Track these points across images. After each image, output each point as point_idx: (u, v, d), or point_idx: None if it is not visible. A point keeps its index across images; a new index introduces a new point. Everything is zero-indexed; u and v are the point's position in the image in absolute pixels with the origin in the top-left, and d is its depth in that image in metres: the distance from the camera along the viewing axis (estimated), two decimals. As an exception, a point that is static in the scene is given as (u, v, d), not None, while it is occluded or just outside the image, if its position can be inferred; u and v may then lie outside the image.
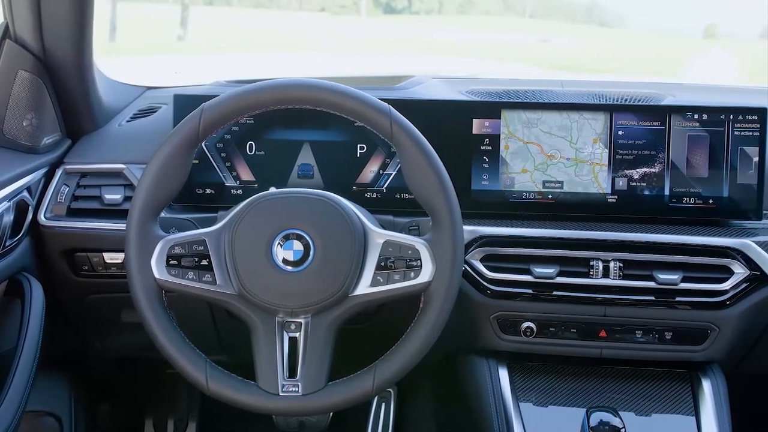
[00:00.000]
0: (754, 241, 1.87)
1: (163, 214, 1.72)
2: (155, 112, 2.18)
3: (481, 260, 1.88)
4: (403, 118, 1.59)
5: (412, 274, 1.58)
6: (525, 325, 1.91)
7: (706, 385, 1.92)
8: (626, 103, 2.03)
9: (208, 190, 1.96)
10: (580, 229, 1.89)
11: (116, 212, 1.95)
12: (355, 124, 1.63)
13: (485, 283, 1.88)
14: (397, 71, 2.35)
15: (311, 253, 1.57)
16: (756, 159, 1.89)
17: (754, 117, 1.90)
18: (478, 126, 1.92)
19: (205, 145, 1.95)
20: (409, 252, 1.59)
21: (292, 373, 1.59)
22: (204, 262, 1.58)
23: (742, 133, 1.90)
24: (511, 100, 2.07)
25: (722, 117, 1.90)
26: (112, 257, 1.96)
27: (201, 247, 1.59)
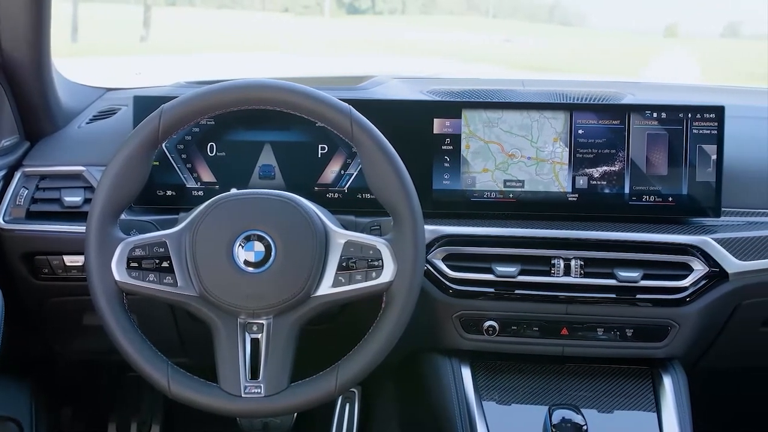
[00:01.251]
0: (713, 238, 1.88)
1: (123, 216, 1.71)
2: (115, 113, 2.16)
3: (443, 260, 1.88)
4: (364, 118, 1.59)
5: (374, 274, 1.58)
6: (487, 323, 1.92)
7: (667, 382, 1.93)
8: (586, 102, 2.05)
9: (168, 192, 1.95)
10: (542, 228, 1.90)
11: (76, 214, 1.93)
12: (317, 125, 1.62)
13: (447, 283, 1.88)
14: (360, 71, 2.35)
15: (272, 254, 1.56)
16: (714, 157, 1.91)
17: (712, 115, 1.91)
18: (439, 126, 1.93)
19: (165, 146, 1.94)
20: (371, 252, 1.59)
21: (254, 374, 1.58)
22: (165, 264, 1.58)
23: (701, 132, 1.91)
24: (472, 99, 2.08)
25: (681, 115, 1.91)
26: (72, 260, 1.95)
27: (162, 249, 1.58)
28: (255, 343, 1.59)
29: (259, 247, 1.57)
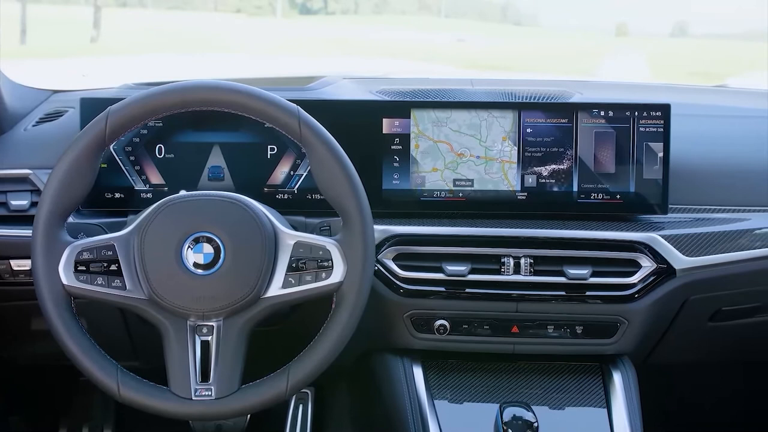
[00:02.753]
0: (660, 235, 1.91)
1: (71, 219, 1.70)
2: (62, 116, 2.14)
3: (394, 259, 1.88)
4: (312, 118, 1.59)
5: (324, 274, 1.58)
6: (438, 323, 1.92)
7: (617, 378, 1.95)
8: (535, 101, 2.06)
9: (117, 195, 1.94)
10: (491, 227, 1.91)
11: (23, 218, 1.90)
12: (266, 126, 1.62)
13: (398, 282, 1.89)
14: (313, 72, 2.35)
15: (222, 255, 1.56)
16: (661, 154, 1.93)
17: (658, 113, 1.93)
18: (388, 125, 1.93)
19: (113, 148, 1.92)
20: (320, 253, 1.59)
21: (204, 377, 1.58)
22: (113, 268, 1.57)
23: (647, 129, 1.93)
24: (421, 99, 2.08)
25: (628, 114, 1.93)
26: (19, 264, 1.92)
27: (110, 252, 1.57)
28: (205, 345, 1.59)
29: (208, 249, 1.56)
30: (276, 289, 1.59)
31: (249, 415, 2.31)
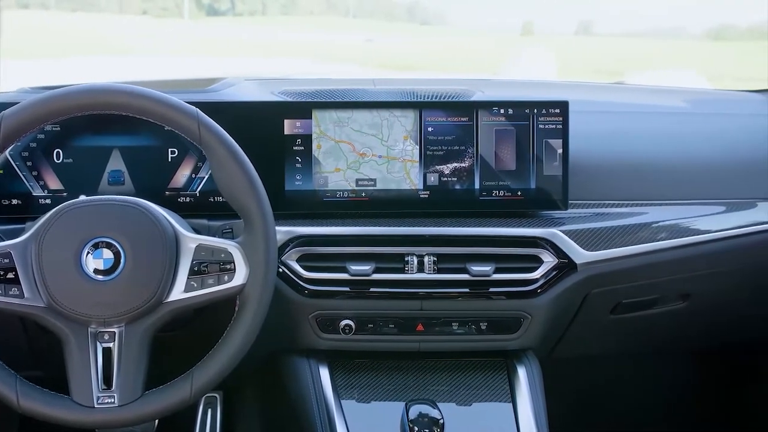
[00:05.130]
0: (561, 231, 1.93)
1: (-34, 228, 1.66)
2: None
3: (298, 260, 1.88)
4: (211, 121, 1.59)
5: (226, 277, 1.58)
6: (344, 322, 1.92)
7: (521, 372, 1.97)
8: (435, 100, 2.07)
9: (14, 201, 1.90)
10: (395, 226, 1.92)
11: None
12: (166, 129, 1.60)
13: (302, 283, 1.88)
14: (219, 74, 2.33)
15: (122, 261, 1.54)
16: (560, 151, 1.95)
17: (557, 110, 1.95)
18: (289, 126, 1.92)
19: (9, 153, 1.88)
20: (222, 255, 1.58)
21: (107, 384, 1.56)
22: (10, 275, 1.53)
23: (547, 126, 1.95)
24: (323, 99, 2.08)
25: (527, 111, 1.95)
26: None
27: (6, 260, 1.54)
28: (107, 352, 1.57)
29: (107, 254, 1.54)
30: (178, 293, 1.57)
31: (157, 421, 2.28)
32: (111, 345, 1.56)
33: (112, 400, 1.55)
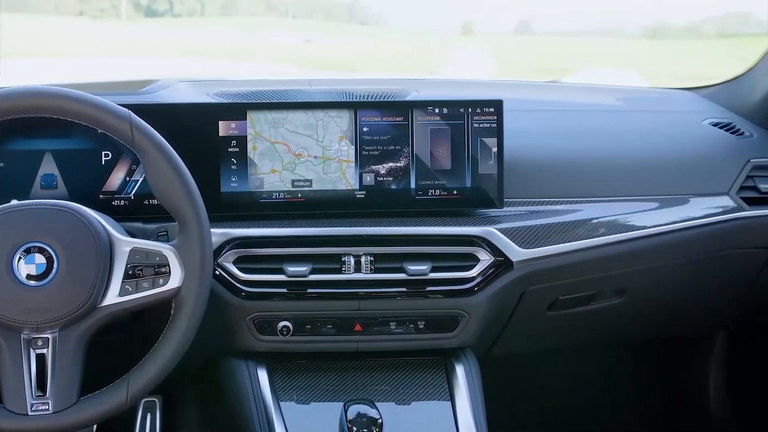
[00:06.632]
0: (497, 229, 1.94)
1: None
2: None
3: (234, 262, 1.87)
4: (144, 123, 1.58)
5: (161, 280, 1.57)
6: (281, 324, 1.91)
7: (460, 370, 1.98)
8: (371, 100, 2.07)
9: None
10: (331, 226, 1.91)
11: None
12: (99, 131, 1.59)
13: (239, 285, 1.87)
14: (155, 75, 2.31)
15: (55, 266, 1.52)
16: (495, 150, 1.96)
17: (491, 109, 1.96)
18: (224, 128, 1.91)
19: None
20: (157, 258, 1.57)
21: (41, 390, 1.54)
22: None
23: (481, 125, 1.96)
24: (258, 100, 2.07)
25: (462, 110, 1.96)
26: None
27: None
28: (41, 358, 1.55)
29: (40, 259, 1.52)
30: (113, 297, 1.56)
31: (95, 426, 2.26)
32: (45, 351, 1.55)
33: (47, 407, 1.53)
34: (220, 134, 1.91)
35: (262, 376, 1.95)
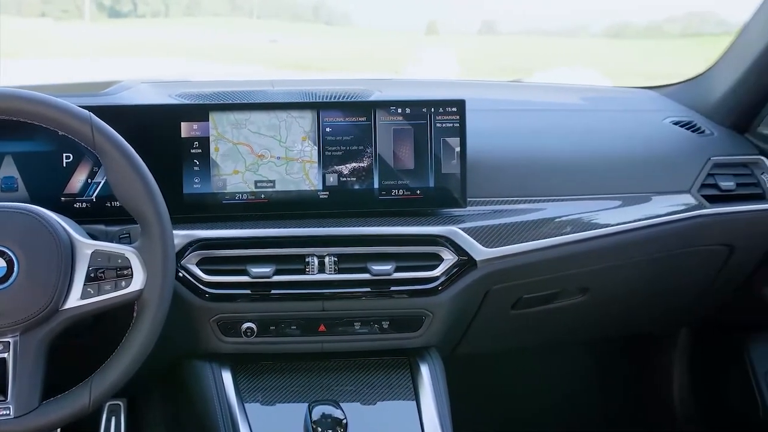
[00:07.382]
0: (460, 228, 1.95)
1: None
2: None
3: (198, 264, 1.86)
4: (105, 125, 1.57)
5: (124, 283, 1.56)
6: (245, 325, 1.91)
7: (424, 370, 1.98)
8: (333, 100, 2.07)
9: None
10: (295, 227, 1.91)
11: None
12: (60, 133, 1.58)
13: (202, 287, 1.86)
14: (118, 76, 2.29)
15: (15, 269, 1.51)
16: (458, 149, 1.96)
17: (454, 109, 1.97)
18: (186, 129, 1.90)
19: None
20: (119, 261, 1.56)
21: (2, 394, 1.53)
22: None
23: (444, 125, 1.97)
24: (220, 101, 2.06)
25: (424, 110, 1.96)
26: None
27: None
28: (1, 362, 1.53)
29: (0, 263, 1.51)
30: (74, 300, 1.55)
31: (59, 431, 2.24)
32: (5, 355, 1.53)
33: (8, 412, 1.52)
34: (182, 135, 1.90)
35: (227, 377, 1.94)
